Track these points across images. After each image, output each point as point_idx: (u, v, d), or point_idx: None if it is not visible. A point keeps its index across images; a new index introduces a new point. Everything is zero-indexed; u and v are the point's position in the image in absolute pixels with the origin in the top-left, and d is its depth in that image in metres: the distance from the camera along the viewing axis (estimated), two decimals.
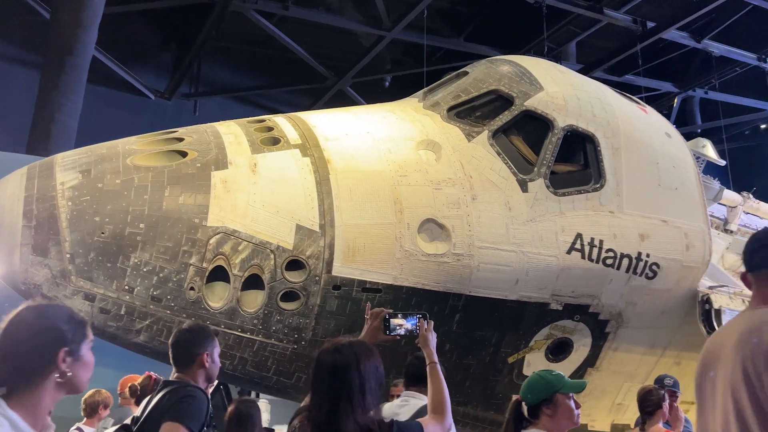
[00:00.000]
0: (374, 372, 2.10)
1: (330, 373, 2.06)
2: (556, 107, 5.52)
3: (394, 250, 4.83)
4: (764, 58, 14.72)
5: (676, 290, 5.71)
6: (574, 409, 2.87)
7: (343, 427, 1.96)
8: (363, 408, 2.00)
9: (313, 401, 2.08)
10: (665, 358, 6.13)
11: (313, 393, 2.11)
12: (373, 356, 2.14)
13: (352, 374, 2.03)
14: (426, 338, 2.66)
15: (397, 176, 5.00)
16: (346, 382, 2.02)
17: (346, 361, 2.06)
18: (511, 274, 5.17)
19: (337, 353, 2.10)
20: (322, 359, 2.12)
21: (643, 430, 4.49)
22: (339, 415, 1.97)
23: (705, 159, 7.63)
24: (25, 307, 1.70)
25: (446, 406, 2.48)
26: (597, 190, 5.47)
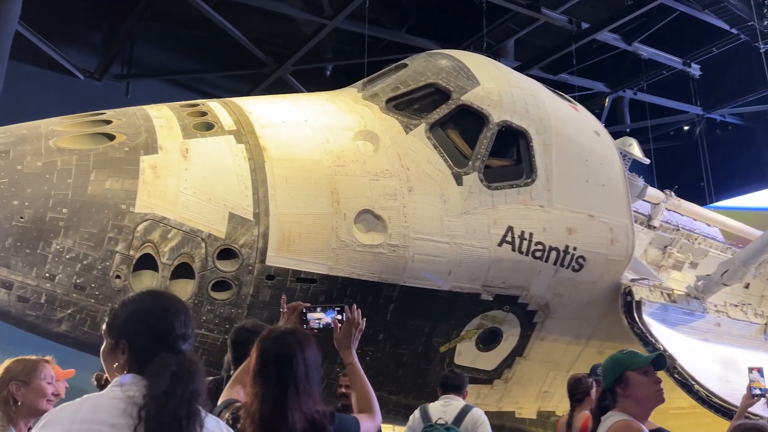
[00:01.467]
0: (315, 360, 2.07)
1: (275, 362, 1.99)
2: (492, 103, 5.63)
3: (330, 240, 4.82)
4: (689, 63, 15.45)
5: (600, 282, 5.96)
6: (653, 384, 2.68)
7: (290, 418, 1.89)
8: (309, 396, 1.96)
9: (255, 391, 1.98)
10: (589, 348, 6.39)
11: (254, 382, 2.00)
12: (313, 343, 2.11)
13: (297, 363, 1.98)
14: (341, 340, 2.50)
15: (334, 166, 4.98)
16: (292, 369, 1.96)
17: (291, 349, 2.00)
18: (445, 265, 5.26)
19: (279, 342, 2.04)
20: (265, 348, 2.05)
21: (572, 417, 4.64)
22: (286, 405, 1.90)
23: (631, 157, 7.96)
24: None
25: (374, 403, 2.42)
26: (528, 184, 5.63)
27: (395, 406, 5.87)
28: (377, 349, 5.43)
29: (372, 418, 2.36)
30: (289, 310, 2.59)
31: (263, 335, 2.12)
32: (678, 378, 5.41)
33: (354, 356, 2.49)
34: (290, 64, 13.41)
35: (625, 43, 14.26)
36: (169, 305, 1.73)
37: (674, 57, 15.27)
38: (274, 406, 1.91)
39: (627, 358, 2.74)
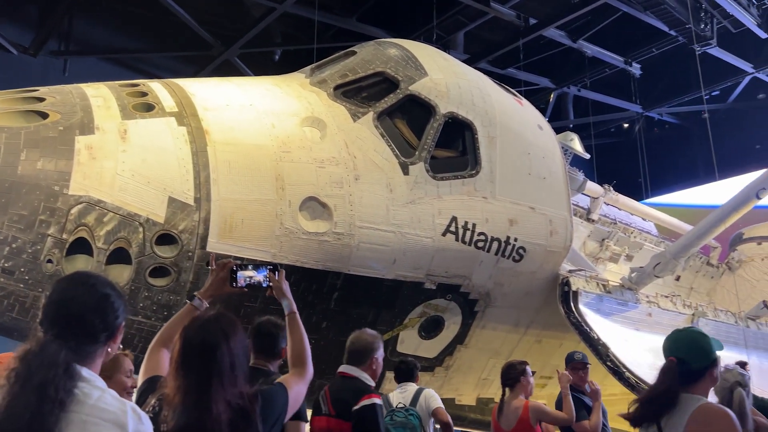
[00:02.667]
0: (242, 346, 2.03)
1: (198, 352, 1.91)
2: (439, 94, 5.67)
3: (274, 227, 4.76)
4: (630, 62, 15.99)
5: (539, 273, 6.12)
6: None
7: (213, 411, 1.83)
8: (233, 386, 1.91)
9: (177, 383, 1.90)
10: (527, 336, 6.57)
11: (177, 374, 1.93)
12: (239, 328, 2.06)
13: (222, 353, 1.91)
14: (281, 289, 2.47)
15: (279, 152, 4.92)
16: (216, 361, 1.89)
17: (215, 339, 1.93)
18: (390, 254, 5.28)
19: (204, 331, 1.97)
20: (189, 338, 1.97)
21: (503, 402, 4.76)
22: (210, 397, 1.84)
23: (572, 152, 8.19)
24: None
25: (307, 356, 2.40)
26: (473, 176, 5.71)
27: None
28: (320, 337, 5.42)
29: (302, 375, 2.33)
30: (218, 268, 2.49)
31: (188, 324, 2.05)
32: (610, 366, 5.62)
33: (293, 305, 2.47)
34: (238, 47, 13.13)
35: (571, 40, 14.61)
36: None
37: (617, 56, 15.75)
38: (197, 399, 1.85)
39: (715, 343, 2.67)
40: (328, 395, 3.48)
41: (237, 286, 2.45)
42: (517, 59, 14.78)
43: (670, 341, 2.73)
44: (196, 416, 1.81)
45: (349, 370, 3.57)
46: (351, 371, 3.56)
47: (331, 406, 3.39)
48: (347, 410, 3.29)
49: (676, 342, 2.70)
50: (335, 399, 3.42)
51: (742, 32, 14.38)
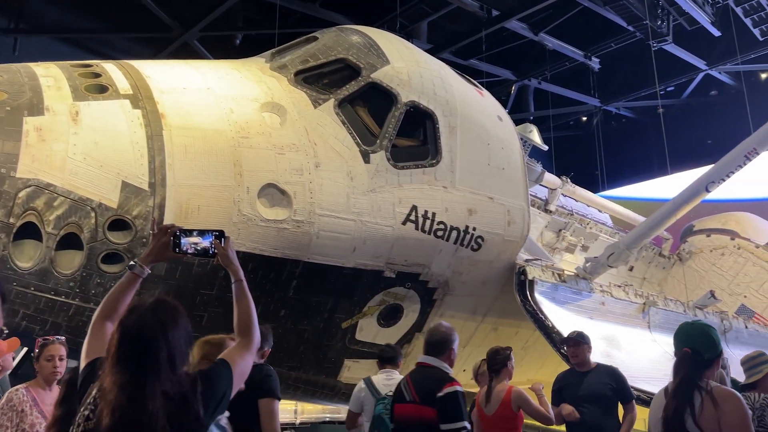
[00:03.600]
0: (183, 334, 1.95)
1: (134, 348, 1.82)
2: (401, 82, 5.66)
3: (232, 214, 4.70)
4: (590, 56, 16.28)
5: (497, 262, 6.20)
6: None
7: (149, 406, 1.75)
8: (172, 375, 1.85)
9: (113, 378, 1.81)
10: (485, 324, 6.66)
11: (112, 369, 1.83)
12: (180, 315, 1.96)
13: (160, 345, 1.82)
14: (228, 256, 2.36)
15: (238, 137, 4.84)
16: (152, 356, 1.81)
17: (152, 332, 1.84)
18: (350, 242, 5.27)
19: (141, 323, 1.87)
20: (126, 330, 1.86)
21: (491, 388, 4.76)
22: (145, 392, 1.77)
23: (531, 143, 8.31)
24: None
25: (254, 325, 2.31)
26: (433, 165, 5.73)
27: (295, 382, 5.87)
28: (278, 325, 5.38)
29: (248, 346, 2.23)
30: (160, 232, 2.35)
31: (125, 313, 1.95)
32: (564, 353, 5.74)
33: (241, 273, 2.36)
34: (197, 29, 12.86)
35: (533, 33, 14.78)
36: None
37: (576, 50, 16.01)
38: (132, 395, 1.77)
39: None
40: (411, 384, 3.65)
41: (180, 252, 2.32)
42: (479, 50, 14.88)
43: (682, 333, 2.87)
44: (132, 413, 1.75)
45: (429, 360, 3.73)
46: (431, 361, 3.72)
47: (416, 394, 3.57)
48: (431, 397, 3.46)
49: (689, 334, 2.85)
50: (419, 387, 3.60)
51: (696, 30, 14.79)
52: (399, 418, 3.68)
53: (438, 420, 3.40)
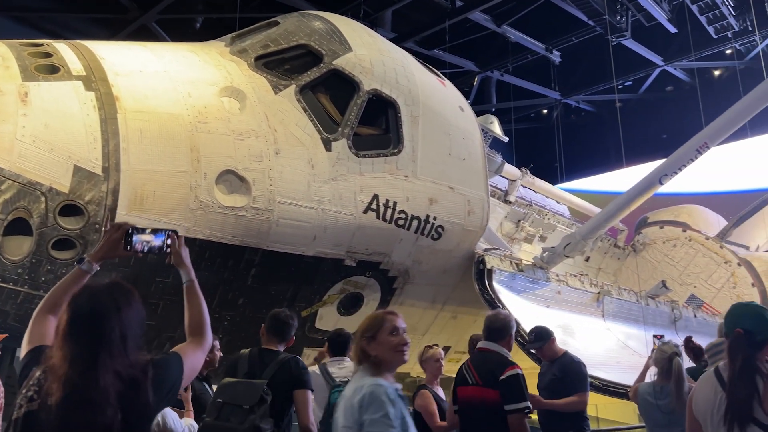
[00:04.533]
0: (137, 317, 1.92)
1: (87, 323, 1.79)
2: (363, 70, 5.63)
3: (188, 201, 4.61)
4: (551, 49, 16.49)
5: (456, 251, 6.25)
6: None
7: (101, 382, 1.74)
8: (124, 356, 1.82)
9: (63, 353, 1.77)
10: (444, 312, 6.73)
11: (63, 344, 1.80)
12: (134, 298, 1.95)
13: (113, 323, 1.81)
14: (180, 255, 2.32)
15: (195, 122, 4.74)
16: (105, 332, 1.78)
17: (105, 308, 1.82)
18: (310, 231, 5.24)
19: (94, 300, 1.84)
20: (77, 306, 1.83)
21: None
22: (97, 369, 1.74)
23: (491, 134, 8.38)
24: None
25: (206, 326, 2.29)
26: (395, 154, 5.73)
27: None
28: (237, 314, 5.33)
29: (200, 344, 2.21)
30: (112, 229, 2.29)
31: (77, 292, 1.93)
32: (520, 341, 5.85)
33: (192, 273, 2.33)
34: (156, 11, 12.52)
35: (495, 24, 14.88)
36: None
37: (538, 43, 16.19)
38: (84, 370, 1.74)
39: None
40: (473, 368, 3.81)
41: (131, 249, 2.28)
42: (443, 41, 14.91)
43: (735, 314, 2.80)
44: (83, 387, 1.72)
45: (490, 346, 3.90)
46: (491, 346, 3.90)
47: (478, 377, 3.73)
48: (494, 380, 3.64)
49: (741, 315, 2.78)
50: (480, 371, 3.76)
51: (654, 26, 15.13)
52: (462, 400, 3.82)
53: (501, 401, 3.57)
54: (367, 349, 2.57)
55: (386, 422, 2.33)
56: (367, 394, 2.38)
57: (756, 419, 2.51)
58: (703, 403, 2.77)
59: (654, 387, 4.37)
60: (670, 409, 4.19)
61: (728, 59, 17.45)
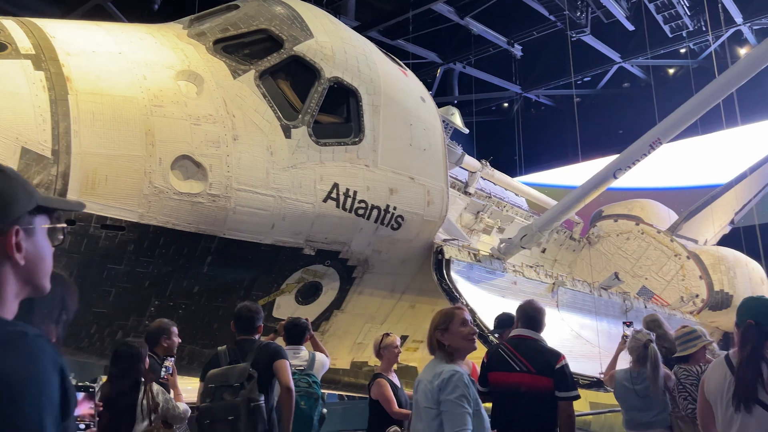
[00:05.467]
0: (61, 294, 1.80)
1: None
2: (325, 57, 5.58)
3: (142, 186, 4.50)
4: (512, 43, 16.64)
5: (416, 241, 6.29)
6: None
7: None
8: None
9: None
10: (402, 302, 6.76)
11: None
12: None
13: None
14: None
15: (151, 105, 4.62)
16: None
17: None
18: (268, 219, 5.18)
19: None
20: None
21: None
22: None
23: (452, 126, 8.43)
24: None
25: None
26: (356, 143, 5.71)
27: None
28: (191, 302, 5.25)
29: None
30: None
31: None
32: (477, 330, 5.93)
33: None
34: None
35: (459, 16, 14.92)
36: None
37: (500, 36, 16.31)
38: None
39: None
40: (519, 354, 3.94)
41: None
42: (407, 31, 14.88)
43: (746, 307, 3.05)
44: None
45: (529, 333, 4.08)
46: (531, 334, 4.08)
47: (530, 365, 3.89)
48: (549, 368, 3.85)
49: (753, 307, 3.04)
50: (533, 359, 3.91)
51: (612, 23, 15.42)
52: (506, 385, 3.92)
53: (555, 388, 3.81)
54: (442, 340, 3.02)
55: (461, 402, 2.77)
56: (446, 378, 2.81)
57: (760, 400, 2.82)
58: (714, 385, 3.09)
59: (630, 373, 4.71)
60: (646, 393, 4.47)
61: (682, 58, 17.94)
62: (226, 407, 3.63)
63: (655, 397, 4.54)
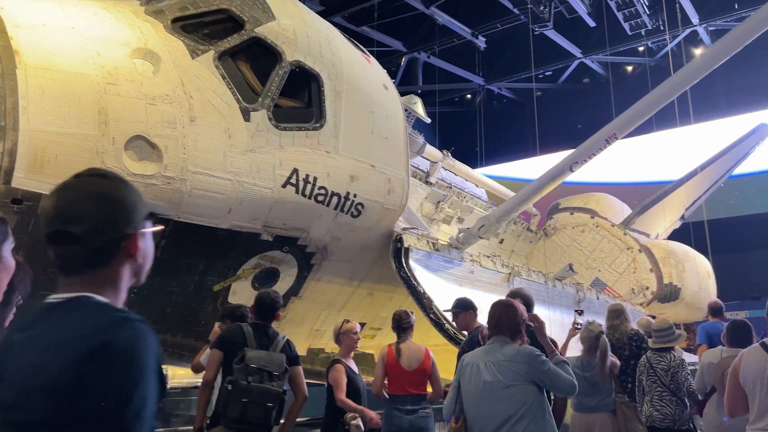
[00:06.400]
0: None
1: None
2: (287, 40, 5.50)
3: (95, 166, 4.36)
4: (477, 35, 16.74)
5: (375, 229, 6.29)
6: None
7: None
8: None
9: None
10: (361, 289, 6.77)
11: None
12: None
13: None
14: None
15: (104, 83, 4.48)
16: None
17: None
18: (225, 203, 5.10)
19: None
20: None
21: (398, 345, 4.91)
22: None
23: (414, 115, 8.44)
24: None
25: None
26: (317, 129, 5.66)
27: (162, 345, 5.64)
28: (144, 286, 5.11)
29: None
30: None
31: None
32: (433, 318, 5.99)
33: None
34: None
35: (424, 5, 14.91)
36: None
37: (465, 27, 16.39)
38: None
39: None
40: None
41: None
42: (372, 18, 14.82)
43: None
44: None
45: None
46: None
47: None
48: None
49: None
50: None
51: (574, 19, 15.67)
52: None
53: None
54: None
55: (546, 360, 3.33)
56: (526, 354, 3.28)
57: None
58: (751, 371, 3.30)
59: (582, 361, 5.04)
60: (595, 380, 4.76)
61: (640, 56, 18.36)
62: (267, 393, 3.74)
63: (602, 383, 4.84)
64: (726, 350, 4.71)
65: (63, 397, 1.08)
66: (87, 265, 1.26)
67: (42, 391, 1.09)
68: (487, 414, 3.22)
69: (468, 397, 3.33)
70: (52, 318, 1.22)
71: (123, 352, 1.13)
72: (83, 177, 1.31)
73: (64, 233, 1.24)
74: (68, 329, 1.16)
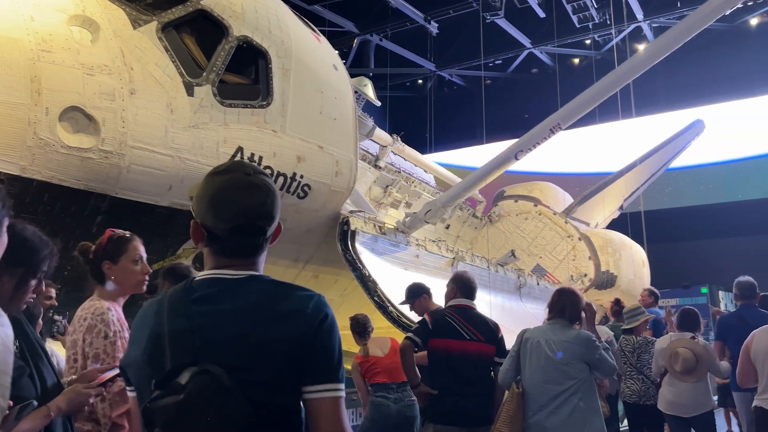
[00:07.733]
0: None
1: None
2: (234, 14, 5.34)
3: (26, 137, 4.15)
4: (429, 20, 16.74)
5: (322, 211, 6.24)
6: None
7: None
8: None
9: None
10: (306, 272, 6.72)
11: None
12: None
13: None
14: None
15: (38, 50, 4.24)
16: None
17: None
18: (165, 179, 4.95)
19: None
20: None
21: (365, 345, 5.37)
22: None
23: (364, 97, 8.39)
24: None
25: None
26: (263, 107, 5.54)
27: None
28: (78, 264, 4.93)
29: None
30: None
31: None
32: (377, 300, 6.02)
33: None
34: None
35: None
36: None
37: (418, 11, 16.36)
38: None
39: None
40: (466, 323, 4.24)
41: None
42: None
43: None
44: None
45: (469, 303, 4.39)
46: (471, 304, 4.39)
47: (480, 334, 4.24)
48: (493, 337, 4.28)
49: None
50: (481, 329, 4.27)
51: (525, 9, 15.86)
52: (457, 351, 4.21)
53: (496, 354, 4.27)
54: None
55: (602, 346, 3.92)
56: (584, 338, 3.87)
57: None
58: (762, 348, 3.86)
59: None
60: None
61: (587, 49, 18.80)
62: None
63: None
64: (675, 334, 5.40)
65: (298, 358, 1.37)
66: (260, 249, 1.57)
67: (280, 354, 1.36)
68: (545, 385, 3.77)
69: (528, 367, 3.89)
70: (246, 292, 1.46)
71: (333, 320, 1.46)
72: (259, 175, 1.54)
73: (258, 228, 1.53)
74: (282, 303, 1.45)
